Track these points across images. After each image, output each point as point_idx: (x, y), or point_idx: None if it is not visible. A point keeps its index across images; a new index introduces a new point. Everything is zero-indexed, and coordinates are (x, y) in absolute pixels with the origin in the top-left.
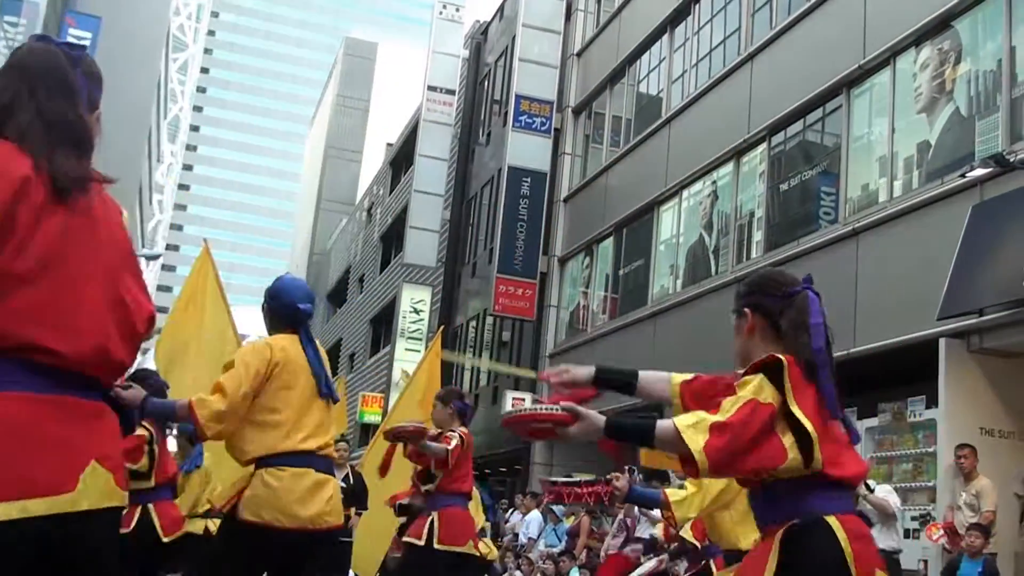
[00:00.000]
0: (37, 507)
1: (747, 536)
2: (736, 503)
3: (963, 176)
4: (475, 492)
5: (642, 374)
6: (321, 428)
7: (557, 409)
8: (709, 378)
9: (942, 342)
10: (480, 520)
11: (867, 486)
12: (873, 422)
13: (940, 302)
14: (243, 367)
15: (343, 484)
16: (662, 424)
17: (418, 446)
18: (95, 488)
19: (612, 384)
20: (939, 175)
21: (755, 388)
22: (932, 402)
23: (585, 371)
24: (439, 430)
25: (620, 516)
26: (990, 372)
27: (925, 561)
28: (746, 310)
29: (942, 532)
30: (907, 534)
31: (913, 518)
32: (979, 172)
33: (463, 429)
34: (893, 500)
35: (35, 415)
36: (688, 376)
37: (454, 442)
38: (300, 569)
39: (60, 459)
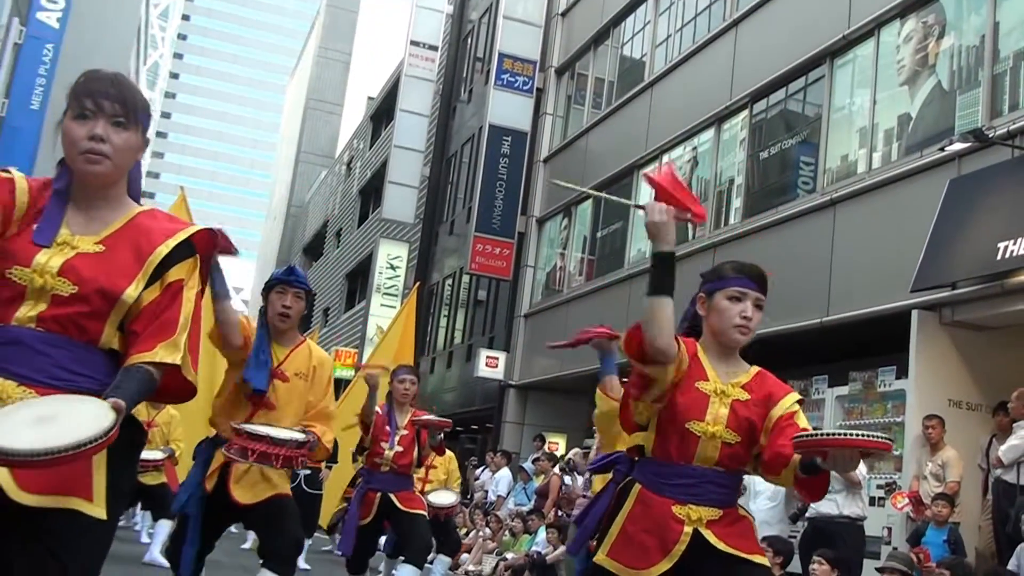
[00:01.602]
0: None
1: None
2: None
3: (942, 150)
4: (449, 453)
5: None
6: None
7: (879, 437)
8: None
9: (914, 314)
10: (455, 477)
11: None
12: (843, 391)
13: (914, 274)
14: None
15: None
16: None
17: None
18: None
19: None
20: (918, 148)
21: None
22: (902, 373)
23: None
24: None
25: (587, 476)
26: (961, 345)
27: (889, 528)
28: None
29: (907, 501)
30: (872, 502)
31: (879, 486)
32: (958, 146)
33: None
34: (859, 468)
35: None
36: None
37: None
38: None
39: None
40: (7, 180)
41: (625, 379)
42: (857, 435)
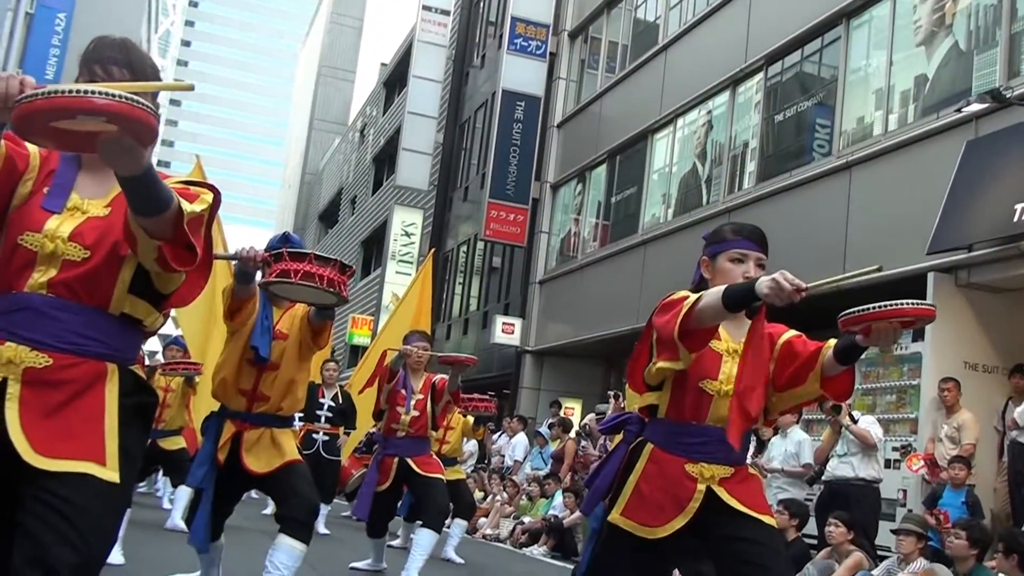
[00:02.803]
0: None
1: None
2: None
3: (959, 111)
4: (464, 418)
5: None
6: None
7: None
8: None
9: (931, 276)
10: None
11: (851, 417)
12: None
13: (930, 236)
14: None
15: (332, 404)
16: None
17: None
18: None
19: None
20: (935, 110)
21: None
22: (918, 335)
23: None
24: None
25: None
26: (977, 307)
27: (904, 491)
28: None
29: (922, 463)
30: (888, 464)
31: (894, 448)
32: (975, 107)
33: None
34: (875, 431)
35: None
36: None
37: None
38: None
39: None
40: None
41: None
42: (901, 304)
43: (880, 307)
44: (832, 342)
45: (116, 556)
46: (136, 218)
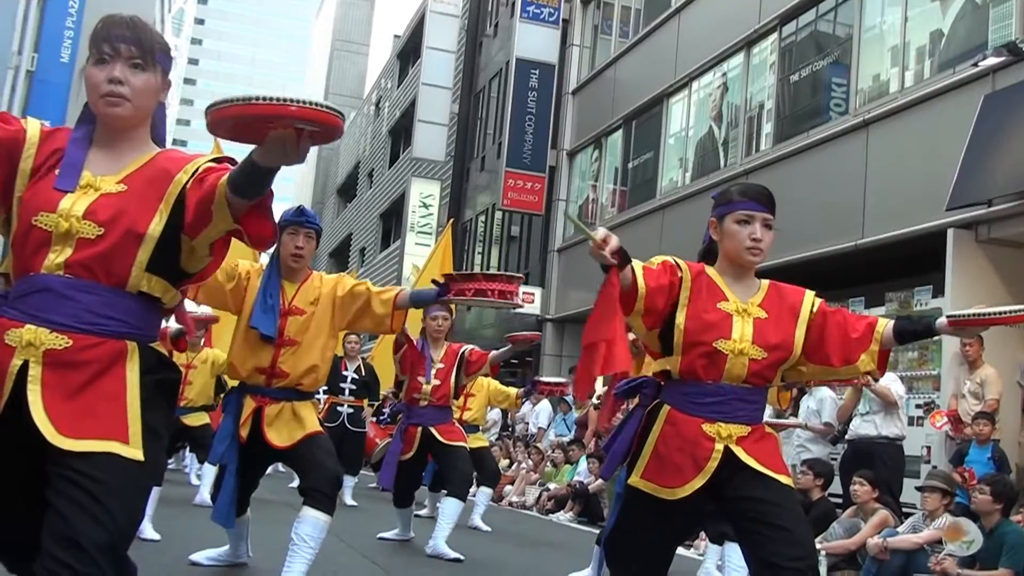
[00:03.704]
0: None
1: None
2: None
3: (975, 65)
4: (489, 382)
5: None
6: None
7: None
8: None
9: (950, 232)
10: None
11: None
12: (880, 311)
13: (949, 193)
14: None
15: (355, 376)
16: None
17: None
18: None
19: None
20: (951, 65)
21: None
22: (939, 292)
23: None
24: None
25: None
26: (997, 262)
27: (928, 447)
28: None
29: (945, 420)
30: (911, 421)
31: (917, 406)
32: (991, 61)
33: None
34: (896, 388)
35: None
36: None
37: None
38: None
39: None
40: (17, 120)
41: None
42: (1010, 311)
43: (994, 313)
44: (884, 321)
45: (151, 533)
46: (236, 199)
